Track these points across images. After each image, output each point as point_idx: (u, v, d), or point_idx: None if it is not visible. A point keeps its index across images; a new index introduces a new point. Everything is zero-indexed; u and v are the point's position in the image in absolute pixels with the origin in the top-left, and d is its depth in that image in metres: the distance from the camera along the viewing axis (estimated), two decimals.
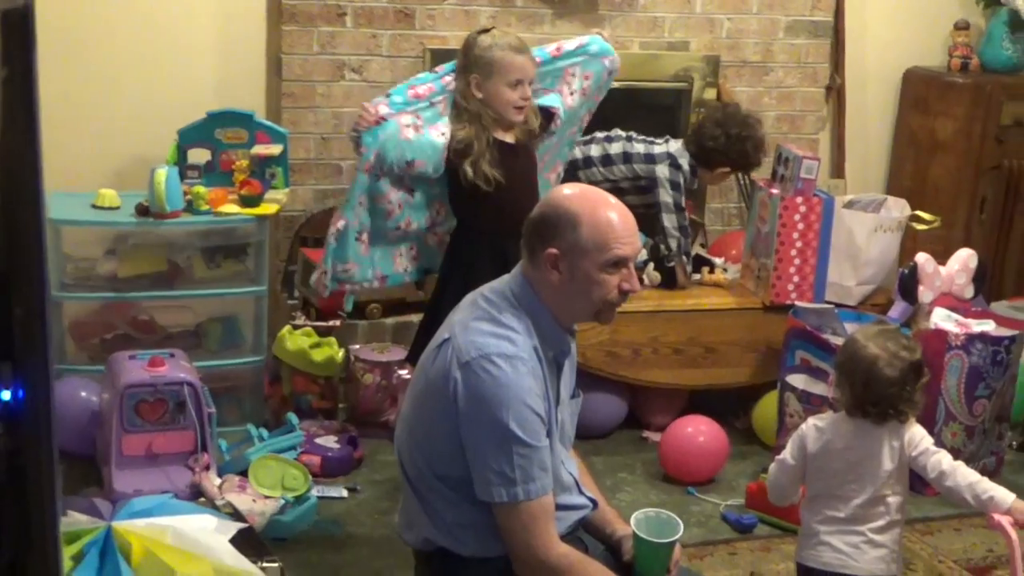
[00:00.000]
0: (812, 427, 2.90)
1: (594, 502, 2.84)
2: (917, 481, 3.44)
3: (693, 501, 3.98)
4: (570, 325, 2.71)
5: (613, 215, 2.58)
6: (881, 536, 2.80)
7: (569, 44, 3.89)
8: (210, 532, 1.95)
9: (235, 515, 2.47)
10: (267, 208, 4.20)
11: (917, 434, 2.81)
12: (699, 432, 4.10)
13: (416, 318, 4.52)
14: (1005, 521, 2.68)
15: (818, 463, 2.87)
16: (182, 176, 4.16)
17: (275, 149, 4.34)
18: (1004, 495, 2.71)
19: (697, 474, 4.09)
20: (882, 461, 2.79)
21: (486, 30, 3.65)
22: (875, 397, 2.79)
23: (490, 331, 2.57)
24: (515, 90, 3.57)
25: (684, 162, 4.49)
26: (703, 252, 4.79)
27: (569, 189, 2.66)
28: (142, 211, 4.05)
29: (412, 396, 2.72)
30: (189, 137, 4.31)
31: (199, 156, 4.32)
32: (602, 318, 2.66)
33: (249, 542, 2.04)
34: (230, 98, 4.57)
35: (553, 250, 2.55)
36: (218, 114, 4.33)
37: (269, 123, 4.45)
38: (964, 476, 2.75)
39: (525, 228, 2.63)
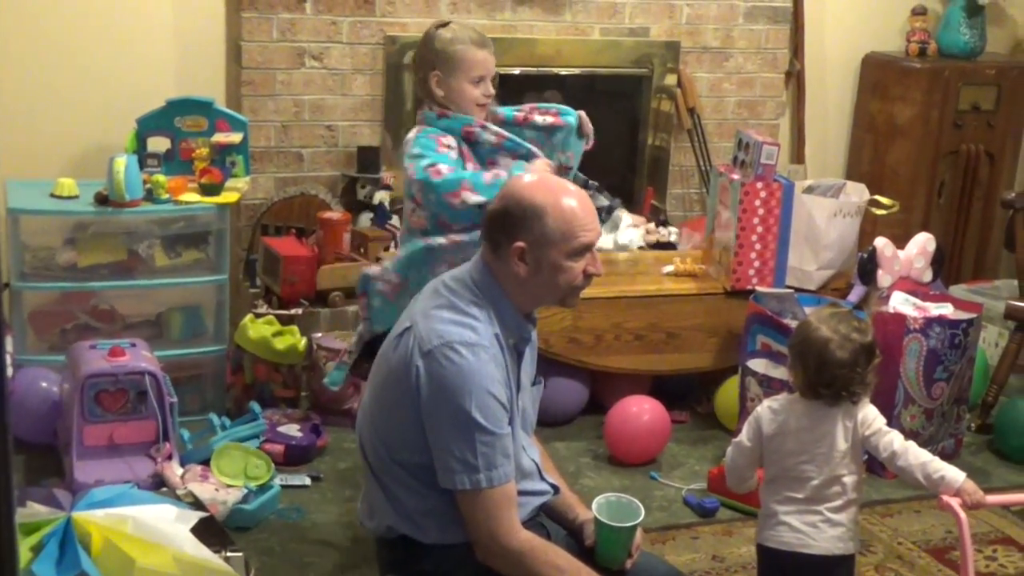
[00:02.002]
0: (767, 409, 2.92)
1: (555, 488, 2.86)
2: (877, 464, 3.48)
3: (655, 486, 4.00)
4: (531, 312, 2.72)
5: (575, 203, 2.60)
6: (838, 515, 2.83)
7: (539, 117, 3.55)
8: (170, 521, 1.95)
9: (196, 504, 2.47)
10: (228, 197, 4.19)
11: (870, 414, 2.84)
12: (642, 411, 4.13)
13: None
14: (954, 502, 2.71)
15: (774, 444, 2.89)
16: (142, 165, 4.14)
17: (235, 137, 4.32)
18: (955, 475, 2.74)
19: (641, 454, 4.12)
20: (836, 441, 2.82)
21: (444, 23, 3.47)
22: (827, 379, 2.82)
23: (452, 319, 2.58)
24: (478, 87, 3.39)
25: None
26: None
27: (528, 179, 2.66)
28: (101, 200, 4.02)
29: (374, 385, 2.73)
30: (148, 125, 4.28)
31: (159, 144, 4.30)
32: (568, 303, 2.69)
33: (211, 531, 2.04)
34: (189, 86, 4.55)
35: (520, 243, 2.56)
36: (177, 102, 4.31)
37: (229, 111, 4.43)
38: (916, 456, 2.78)
39: (487, 220, 2.64)
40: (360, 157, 4.80)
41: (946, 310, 4.24)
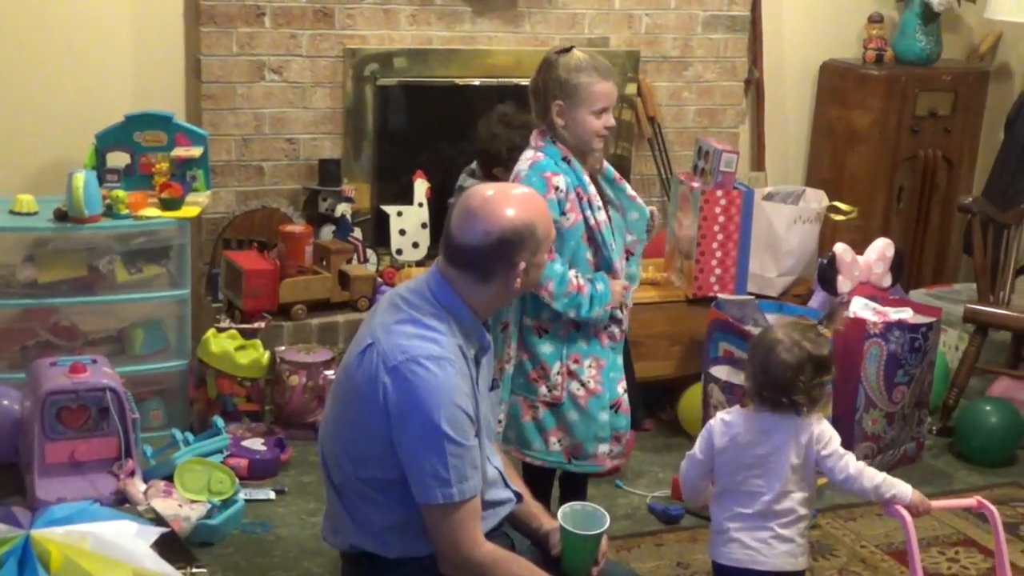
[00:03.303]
0: (720, 421, 2.93)
1: (519, 495, 2.86)
2: None
3: (620, 494, 4.02)
4: (488, 318, 2.75)
5: (541, 202, 2.68)
6: (788, 531, 2.84)
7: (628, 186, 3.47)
8: (131, 538, 1.95)
9: (157, 520, 2.46)
10: (188, 211, 4.18)
11: (825, 432, 2.84)
12: None
13: (342, 318, 4.55)
14: (899, 507, 2.77)
15: (725, 457, 2.89)
16: (101, 180, 4.13)
17: (195, 151, 4.31)
18: (904, 491, 2.80)
19: None
20: (787, 457, 2.82)
21: (566, 49, 3.30)
22: (770, 381, 2.83)
23: (415, 333, 2.58)
24: (600, 118, 3.25)
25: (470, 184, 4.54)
26: None
27: (497, 198, 2.62)
28: (60, 216, 4.00)
29: (336, 401, 2.72)
30: (107, 140, 4.27)
31: (118, 160, 4.28)
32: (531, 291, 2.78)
33: (172, 547, 2.03)
34: (149, 101, 4.53)
35: (523, 264, 2.58)
36: (136, 117, 4.30)
37: (189, 125, 4.42)
38: (870, 479, 2.81)
39: (476, 256, 2.57)
40: (321, 170, 4.79)
41: (906, 314, 4.28)
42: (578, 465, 3.37)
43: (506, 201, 2.61)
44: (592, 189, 3.30)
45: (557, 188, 3.21)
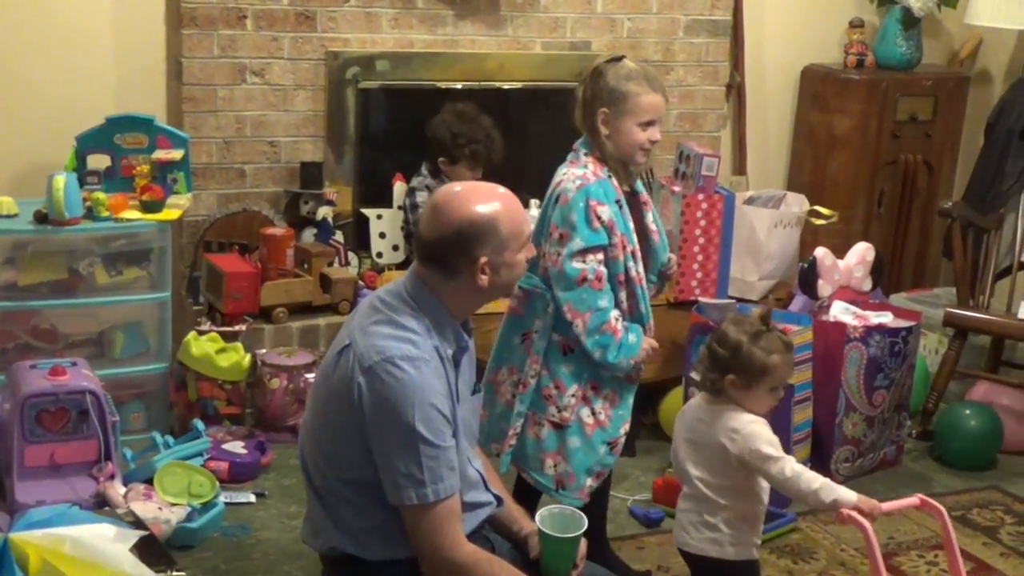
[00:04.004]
0: (682, 407, 3.00)
1: (500, 499, 2.87)
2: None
3: None
4: (467, 321, 2.75)
5: (511, 199, 2.66)
6: (714, 519, 2.86)
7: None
8: (109, 541, 1.94)
9: (136, 523, 2.45)
10: (169, 214, 4.17)
11: (755, 433, 2.81)
12: None
13: (323, 321, 4.54)
14: (855, 513, 2.70)
15: (675, 443, 2.98)
16: (81, 182, 4.12)
17: (176, 154, 4.30)
18: (846, 495, 2.73)
19: None
20: (717, 446, 2.84)
21: (617, 58, 3.24)
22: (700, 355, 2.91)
23: (391, 334, 2.58)
24: (645, 131, 3.19)
25: (418, 182, 4.64)
26: None
27: (462, 194, 2.65)
28: (40, 218, 3.99)
29: (315, 403, 2.73)
30: (88, 143, 4.26)
31: (99, 162, 4.27)
32: (511, 293, 2.76)
33: (152, 551, 2.03)
34: (130, 103, 4.53)
35: (484, 259, 2.58)
36: (117, 119, 4.28)
37: (169, 128, 4.41)
38: (807, 483, 2.75)
39: (437, 249, 2.59)
40: (303, 173, 4.79)
41: (886, 318, 4.30)
42: (562, 495, 3.30)
43: (470, 196, 2.62)
44: (634, 236, 3.21)
45: (600, 219, 3.13)
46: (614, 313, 3.17)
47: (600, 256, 3.15)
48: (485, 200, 2.62)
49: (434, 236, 2.59)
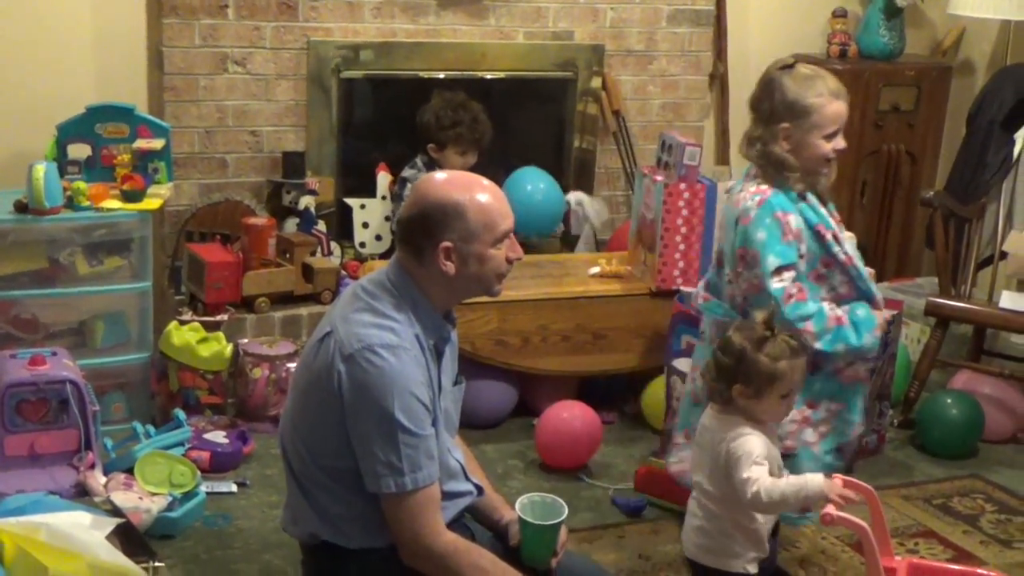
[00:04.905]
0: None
1: (480, 488, 2.87)
2: None
3: (583, 486, 4.02)
4: (450, 311, 2.74)
5: (489, 194, 2.64)
6: (708, 526, 2.85)
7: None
8: (85, 528, 1.94)
9: (113, 512, 2.45)
10: (150, 203, 4.15)
11: (740, 449, 2.75)
12: (574, 418, 4.13)
13: (305, 311, 4.54)
14: (836, 514, 2.64)
15: (693, 449, 2.96)
16: (62, 172, 4.10)
17: (157, 143, 4.28)
18: (815, 484, 2.69)
19: (573, 461, 4.12)
20: (716, 455, 2.81)
21: (788, 65, 3.09)
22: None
23: (372, 322, 2.58)
24: (830, 141, 3.05)
25: (410, 173, 4.62)
26: None
27: (440, 178, 2.67)
28: (20, 208, 3.97)
29: (296, 391, 2.73)
30: (68, 132, 4.24)
31: (79, 151, 4.26)
32: (493, 292, 2.71)
33: (132, 541, 2.03)
34: (111, 92, 4.51)
35: (447, 243, 2.58)
36: (98, 108, 4.27)
37: (150, 117, 4.39)
38: (781, 494, 2.70)
39: (405, 228, 2.64)
40: (285, 162, 4.78)
41: None
42: (808, 520, 3.16)
43: (446, 182, 2.63)
44: (833, 223, 3.11)
45: (793, 234, 3.00)
46: (827, 306, 3.04)
47: (793, 272, 3.02)
48: (460, 188, 2.62)
49: (404, 215, 2.62)
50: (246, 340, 4.36)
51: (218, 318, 4.34)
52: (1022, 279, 4.58)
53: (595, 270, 4.58)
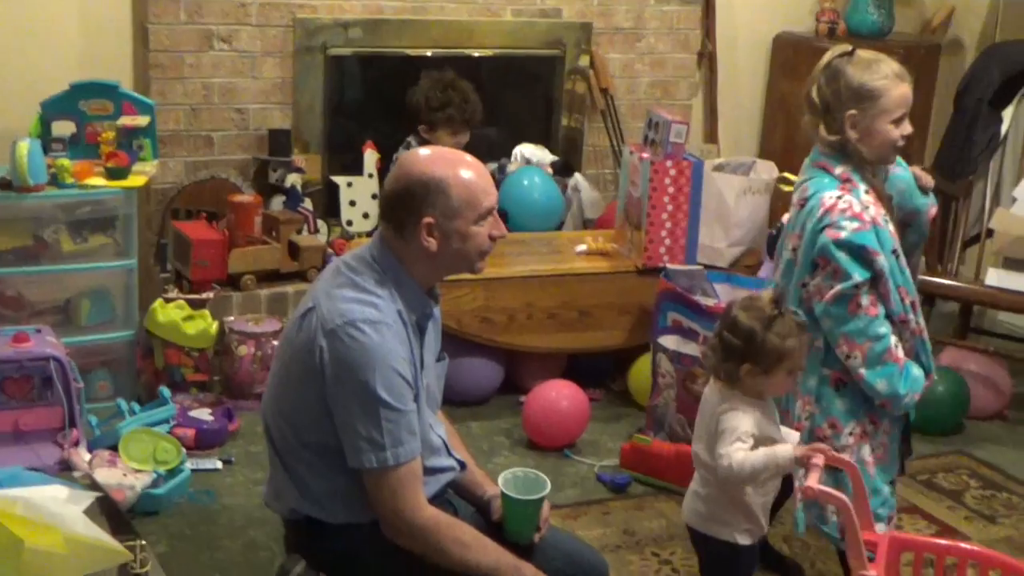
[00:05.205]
0: None
1: (463, 464, 2.87)
2: None
3: (568, 463, 4.03)
4: (433, 287, 2.74)
5: (473, 171, 2.63)
6: (703, 492, 2.85)
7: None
8: (62, 502, 1.93)
9: (92, 486, 2.45)
10: (135, 180, 4.14)
11: (726, 422, 2.76)
12: (561, 397, 4.13)
13: (291, 288, 4.53)
14: (818, 488, 2.61)
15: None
16: (46, 149, 4.09)
17: (142, 120, 4.27)
18: (784, 452, 2.69)
19: (561, 439, 4.12)
20: (708, 424, 2.82)
21: (848, 52, 3.00)
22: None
23: (354, 297, 2.58)
24: (898, 127, 2.93)
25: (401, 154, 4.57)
26: None
27: (423, 154, 2.66)
28: (4, 185, 3.96)
29: (278, 366, 2.73)
30: (52, 109, 4.22)
31: (64, 128, 4.24)
32: (476, 268, 2.70)
33: (113, 519, 2.03)
34: (95, 69, 4.49)
35: (429, 219, 2.57)
36: (82, 85, 4.25)
37: (135, 94, 4.38)
38: (752, 466, 2.70)
39: (388, 204, 2.63)
40: (271, 140, 4.76)
41: None
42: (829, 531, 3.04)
43: (430, 158, 2.63)
44: (913, 287, 3.00)
45: (872, 220, 2.89)
46: (894, 340, 2.92)
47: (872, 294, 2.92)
48: (443, 164, 2.61)
49: (387, 190, 2.62)
50: (232, 318, 4.36)
51: (204, 296, 4.33)
52: (1008, 256, 4.58)
53: (582, 248, 4.58)
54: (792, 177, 4.73)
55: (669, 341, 4.11)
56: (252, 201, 4.52)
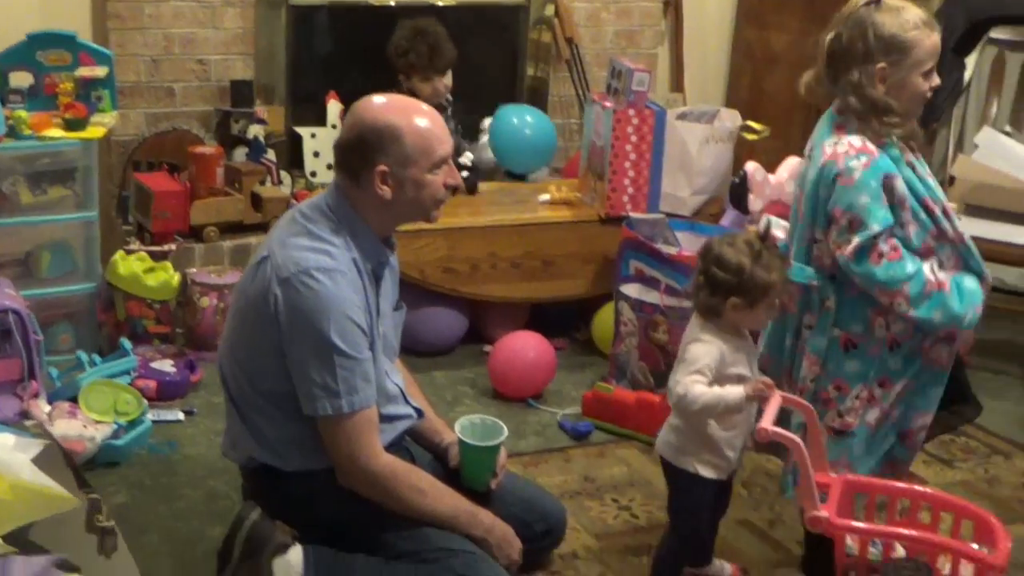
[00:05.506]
0: None
1: (420, 411, 2.88)
2: None
3: (531, 411, 4.03)
4: (390, 236, 2.74)
5: (428, 119, 2.63)
6: (673, 421, 2.85)
7: None
8: (8, 449, 1.94)
9: (42, 434, 2.45)
10: (93, 132, 4.11)
11: (689, 352, 2.77)
12: (528, 347, 4.13)
13: (254, 240, 4.51)
14: (772, 429, 2.62)
15: None
16: (3, 101, 4.05)
17: (100, 71, 4.24)
18: (734, 392, 2.70)
19: (526, 390, 4.11)
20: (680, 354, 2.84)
21: (874, 0, 2.76)
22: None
23: (308, 246, 2.59)
24: (928, 79, 2.78)
25: None
26: None
27: (378, 101, 2.66)
28: None
29: (233, 315, 2.75)
30: (9, 60, 4.18)
31: (21, 80, 4.20)
32: (431, 217, 2.71)
33: (53, 462, 2.03)
34: (53, 20, 4.43)
35: (383, 167, 2.57)
36: (38, 36, 4.20)
37: (93, 44, 4.33)
38: (704, 403, 2.71)
39: (342, 152, 2.64)
40: (233, 91, 4.73)
41: None
42: None
43: (383, 105, 2.63)
44: (939, 191, 2.87)
45: (894, 193, 2.76)
46: (926, 268, 2.79)
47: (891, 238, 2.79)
48: (396, 112, 2.61)
49: (341, 138, 2.64)
50: (194, 269, 4.34)
51: (166, 247, 4.31)
52: (970, 203, 4.59)
53: (545, 197, 4.58)
54: (755, 126, 4.75)
55: (631, 289, 4.11)
56: (214, 152, 4.49)
